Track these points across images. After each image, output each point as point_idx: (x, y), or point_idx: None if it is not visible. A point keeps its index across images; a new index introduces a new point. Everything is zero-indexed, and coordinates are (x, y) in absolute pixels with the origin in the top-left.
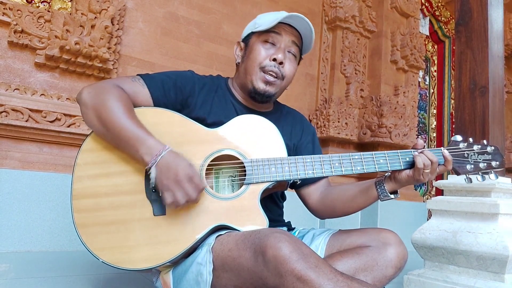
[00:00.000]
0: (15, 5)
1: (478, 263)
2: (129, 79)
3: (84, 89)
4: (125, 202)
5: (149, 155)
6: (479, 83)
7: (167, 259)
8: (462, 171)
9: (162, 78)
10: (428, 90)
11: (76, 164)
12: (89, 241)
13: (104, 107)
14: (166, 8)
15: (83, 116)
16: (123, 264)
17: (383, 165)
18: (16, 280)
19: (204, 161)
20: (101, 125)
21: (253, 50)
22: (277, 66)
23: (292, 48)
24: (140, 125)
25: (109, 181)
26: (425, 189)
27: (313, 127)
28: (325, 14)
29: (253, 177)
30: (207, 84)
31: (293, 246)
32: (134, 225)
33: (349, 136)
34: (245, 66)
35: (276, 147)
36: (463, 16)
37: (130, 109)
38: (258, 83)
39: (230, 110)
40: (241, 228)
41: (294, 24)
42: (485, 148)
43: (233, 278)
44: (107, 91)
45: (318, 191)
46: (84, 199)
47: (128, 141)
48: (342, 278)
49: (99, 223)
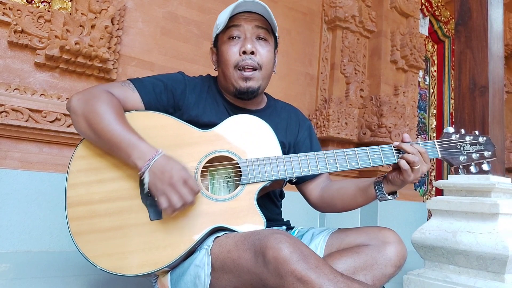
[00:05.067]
0: (15, 5)
1: (478, 263)
2: (119, 84)
3: (73, 96)
4: (120, 208)
5: (142, 160)
6: (479, 83)
7: (165, 263)
8: (456, 162)
9: (152, 82)
10: (428, 90)
11: (69, 171)
12: (85, 248)
13: (93, 114)
14: (165, 8)
15: (73, 124)
16: (121, 270)
17: (377, 159)
18: (16, 280)
19: (198, 163)
20: (92, 132)
21: (223, 52)
22: (250, 58)
23: (260, 33)
24: (131, 130)
25: (104, 188)
26: (425, 189)
27: (309, 121)
28: (325, 14)
29: (248, 177)
30: (198, 85)
31: (293, 247)
32: (131, 231)
33: (349, 136)
34: (222, 71)
35: (271, 146)
36: (463, 16)
37: (121, 114)
38: (238, 83)
39: (222, 110)
40: (238, 229)
41: (249, 8)
42: (477, 138)
43: (233, 279)
44: (97, 97)
45: (319, 187)
46: (78, 206)
47: (120, 147)
48: (342, 279)
49: (95, 230)
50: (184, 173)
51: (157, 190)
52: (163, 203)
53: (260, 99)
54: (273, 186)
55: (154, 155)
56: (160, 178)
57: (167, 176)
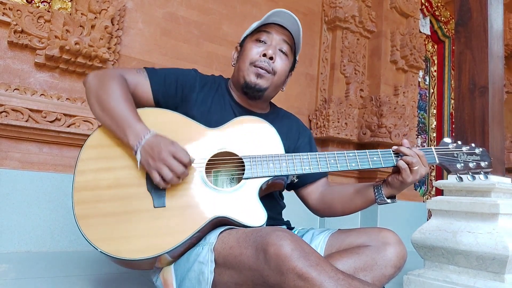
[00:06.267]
0: (15, 5)
1: (478, 263)
2: (135, 70)
3: (91, 74)
4: (126, 194)
5: (135, 139)
6: (479, 83)
7: (166, 249)
8: (453, 169)
9: (165, 73)
10: (428, 90)
11: (79, 159)
12: (88, 232)
13: (103, 90)
14: (165, 8)
15: (87, 98)
16: (122, 254)
17: (376, 162)
18: (16, 280)
19: (204, 159)
20: (99, 107)
21: (246, 48)
22: (267, 61)
23: (284, 47)
24: (132, 111)
25: (111, 175)
26: (425, 189)
27: (309, 130)
28: (325, 14)
29: (251, 171)
30: (208, 82)
31: (294, 244)
32: (134, 217)
33: (349, 136)
34: (238, 65)
35: (274, 145)
36: (463, 16)
37: (127, 96)
38: (249, 76)
39: (228, 110)
40: (240, 219)
41: (284, 23)
42: (473, 149)
43: (234, 275)
44: (110, 77)
45: (318, 191)
46: (85, 191)
47: (119, 125)
48: (343, 277)
49: (99, 215)
50: (172, 147)
51: (149, 167)
52: (155, 178)
53: (266, 105)
54: (274, 187)
55: (145, 134)
56: (150, 154)
57: (156, 151)
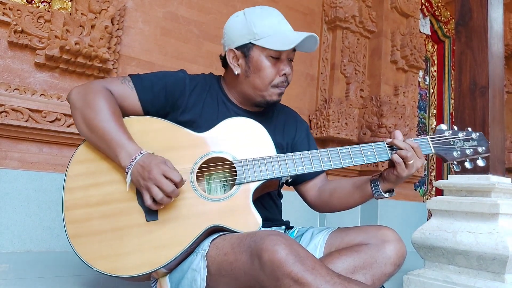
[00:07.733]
0: (15, 5)
1: (478, 263)
2: (119, 80)
3: (74, 89)
4: (117, 210)
5: (127, 160)
6: (479, 83)
7: (162, 263)
8: (450, 158)
9: (152, 80)
10: (428, 90)
11: (66, 176)
12: (82, 251)
13: (89, 109)
14: (166, 8)
15: (72, 116)
16: (118, 271)
17: (371, 157)
18: (16, 280)
19: (194, 165)
20: (86, 126)
21: (261, 67)
22: (286, 79)
23: (292, 56)
24: (123, 129)
25: (100, 191)
26: (425, 189)
27: (306, 123)
28: (325, 14)
29: (243, 176)
30: (199, 84)
31: (289, 249)
32: (127, 232)
33: (349, 136)
34: (253, 83)
35: (265, 147)
36: (463, 16)
37: (116, 112)
38: (272, 97)
39: (222, 110)
40: (234, 227)
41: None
42: (470, 134)
43: (230, 282)
44: (95, 93)
45: (316, 187)
46: (75, 209)
47: (110, 145)
48: (339, 280)
49: (91, 233)
50: (162, 166)
51: (140, 187)
52: (147, 200)
53: None
54: (268, 188)
55: (137, 154)
56: (141, 174)
57: (146, 171)
